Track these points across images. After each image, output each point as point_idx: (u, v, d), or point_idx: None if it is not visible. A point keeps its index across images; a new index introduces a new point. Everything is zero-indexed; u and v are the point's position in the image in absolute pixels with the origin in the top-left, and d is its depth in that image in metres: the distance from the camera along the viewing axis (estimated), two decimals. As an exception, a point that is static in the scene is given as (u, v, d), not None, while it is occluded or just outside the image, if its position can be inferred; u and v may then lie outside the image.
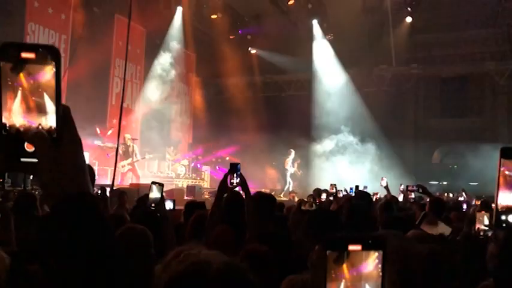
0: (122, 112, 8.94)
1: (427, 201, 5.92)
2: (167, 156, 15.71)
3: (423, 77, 19.62)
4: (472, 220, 3.16)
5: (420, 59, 19.35)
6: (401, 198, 7.71)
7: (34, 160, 0.78)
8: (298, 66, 19.23)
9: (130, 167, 13.19)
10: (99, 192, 4.50)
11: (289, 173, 15.90)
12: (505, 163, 1.13)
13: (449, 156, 20.13)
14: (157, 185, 3.35)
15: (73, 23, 13.76)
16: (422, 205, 6.16)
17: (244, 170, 3.17)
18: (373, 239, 0.77)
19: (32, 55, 0.77)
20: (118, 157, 12.72)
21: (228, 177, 3.07)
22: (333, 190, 7.27)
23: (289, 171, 15.91)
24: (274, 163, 18.49)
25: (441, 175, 19.04)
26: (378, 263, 0.77)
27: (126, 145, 13.15)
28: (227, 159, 18.78)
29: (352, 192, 7.67)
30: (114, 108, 14.89)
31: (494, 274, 1.99)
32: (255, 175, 15.51)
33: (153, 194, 3.29)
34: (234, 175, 3.08)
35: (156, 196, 3.29)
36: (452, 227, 3.93)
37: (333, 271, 0.76)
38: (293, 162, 16.23)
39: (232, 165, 3.13)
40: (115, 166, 8.11)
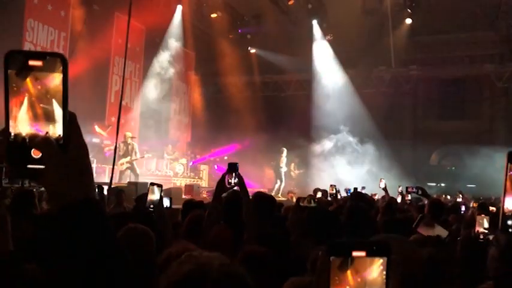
0: (121, 110, 8.92)
1: (425, 203, 5.93)
2: (165, 155, 15.69)
3: (422, 79, 19.65)
4: (471, 222, 3.16)
5: (419, 61, 19.37)
6: (399, 199, 7.71)
7: (41, 166, 0.78)
8: (297, 66, 19.24)
9: (129, 165, 13.16)
10: (96, 190, 4.49)
11: (283, 172, 15.90)
12: None
13: (447, 158, 20.17)
14: (156, 186, 3.33)
15: (72, 20, 13.73)
16: (420, 207, 6.17)
17: (242, 170, 3.16)
18: (377, 246, 0.77)
19: (40, 63, 0.78)
20: (117, 155, 12.79)
21: (226, 176, 3.06)
22: (333, 191, 7.27)
23: (283, 169, 15.90)
24: (272, 163, 18.46)
25: (439, 177, 19.07)
26: (383, 270, 0.76)
27: (126, 143, 13.11)
28: (225, 158, 18.78)
29: (349, 193, 7.67)
30: (113, 106, 14.88)
31: (494, 277, 1.99)
32: (253, 175, 15.51)
33: (152, 195, 3.28)
34: (233, 175, 3.07)
35: (155, 197, 3.28)
36: (450, 230, 3.92)
37: (337, 277, 0.75)
38: (286, 160, 16.20)
39: (230, 164, 3.12)
40: (113, 164, 8.08)
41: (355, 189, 7.99)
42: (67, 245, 0.78)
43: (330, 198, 7.15)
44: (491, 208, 5.64)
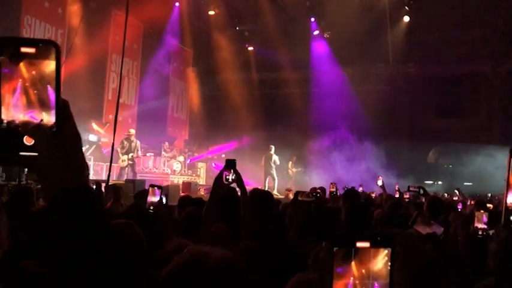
0: (118, 107, 8.90)
1: (424, 200, 5.94)
2: (163, 152, 15.67)
3: (420, 77, 19.66)
4: (469, 220, 3.17)
5: (417, 59, 19.38)
6: (396, 197, 7.73)
7: (33, 154, 0.78)
8: (295, 63, 19.22)
9: (131, 162, 13.17)
10: (94, 187, 4.48)
11: (274, 169, 15.91)
12: None
13: (444, 156, 20.21)
14: (156, 188, 3.31)
15: (70, 17, 13.68)
16: (418, 205, 6.18)
17: (240, 167, 3.15)
18: (382, 236, 0.77)
19: (32, 50, 0.77)
20: (120, 151, 12.78)
21: (224, 173, 3.06)
22: (334, 189, 7.27)
23: (273, 167, 15.91)
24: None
25: (436, 175, 19.11)
26: (387, 261, 0.76)
27: (129, 140, 13.10)
28: (223, 156, 18.76)
29: None
30: (110, 103, 14.84)
31: (495, 272, 2.00)
32: (251, 172, 15.51)
33: (152, 197, 3.26)
34: (230, 171, 3.06)
35: (155, 199, 3.26)
36: (446, 227, 3.94)
37: (341, 268, 0.75)
38: (276, 157, 16.19)
39: (228, 161, 3.12)
40: (110, 161, 8.04)
41: (352, 187, 7.99)
42: (61, 232, 0.78)
43: (330, 196, 7.15)
44: (488, 205, 5.67)
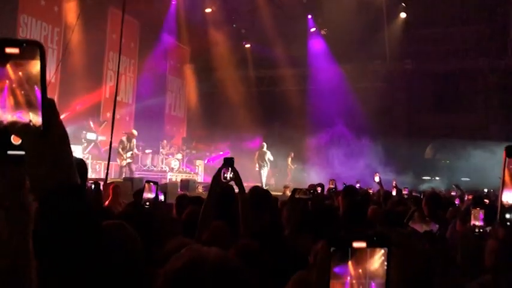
0: (116, 106, 8.90)
1: (422, 197, 5.96)
2: (161, 150, 15.67)
3: (417, 73, 19.67)
4: (467, 216, 3.17)
5: (414, 55, 19.39)
6: (394, 193, 7.76)
7: (21, 153, 0.78)
8: (292, 61, 19.21)
9: (131, 161, 13.23)
10: (92, 186, 4.47)
11: (267, 166, 15.95)
12: (511, 162, 1.13)
13: (441, 151, 20.25)
14: (152, 184, 3.33)
15: (66, 16, 13.63)
16: (417, 201, 6.20)
17: (238, 165, 3.16)
18: (378, 236, 0.78)
19: (16, 50, 0.78)
20: (121, 152, 12.80)
21: (222, 171, 3.06)
22: (333, 186, 7.29)
23: (268, 164, 15.95)
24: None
25: (434, 171, 19.16)
26: (383, 260, 0.77)
27: (129, 138, 13.14)
28: (221, 153, 18.77)
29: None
30: (107, 101, 14.82)
31: (492, 270, 2.01)
32: (249, 170, 15.52)
33: (148, 193, 3.28)
34: (228, 169, 3.07)
35: (151, 195, 3.28)
36: (443, 224, 3.96)
37: (338, 268, 0.76)
38: (268, 153, 16.23)
39: (226, 159, 3.12)
40: (108, 160, 8.07)
41: (350, 185, 8.00)
42: (51, 231, 0.78)
43: (329, 192, 7.16)
44: (485, 200, 5.68)
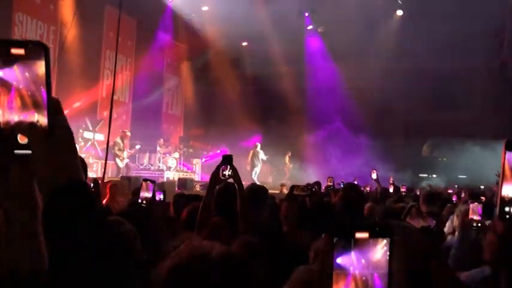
0: (113, 104, 8.90)
1: (420, 194, 5.99)
2: (158, 148, 15.66)
3: (413, 71, 19.70)
4: (466, 212, 3.19)
5: (410, 53, 19.41)
6: (391, 190, 7.78)
7: (28, 152, 0.80)
8: (289, 58, 19.21)
9: (127, 160, 13.27)
10: (91, 185, 4.47)
11: (259, 165, 16.00)
12: (510, 155, 1.13)
13: (438, 149, 20.31)
14: (148, 183, 3.33)
15: (62, 14, 13.59)
16: (415, 198, 6.23)
17: (235, 163, 3.17)
18: (380, 227, 0.78)
19: (22, 51, 0.79)
20: (117, 153, 12.81)
21: (221, 168, 3.07)
22: (331, 183, 7.31)
23: (260, 163, 16.00)
24: (266, 156, 18.51)
25: (431, 168, 19.23)
26: (386, 251, 0.77)
27: (123, 139, 13.17)
28: (218, 151, 18.77)
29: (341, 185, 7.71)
30: (104, 100, 14.79)
31: (490, 262, 2.02)
32: (246, 168, 15.54)
33: (145, 192, 3.28)
34: (227, 167, 3.08)
35: (147, 194, 3.27)
36: (439, 220, 3.98)
37: (341, 259, 0.76)
38: (261, 153, 16.29)
39: (224, 157, 3.14)
40: (106, 159, 8.08)
41: (350, 182, 8.04)
42: (57, 229, 0.80)
43: (327, 190, 7.18)
44: (482, 198, 5.72)
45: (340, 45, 17.84)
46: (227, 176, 3.09)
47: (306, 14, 18.72)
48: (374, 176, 7.38)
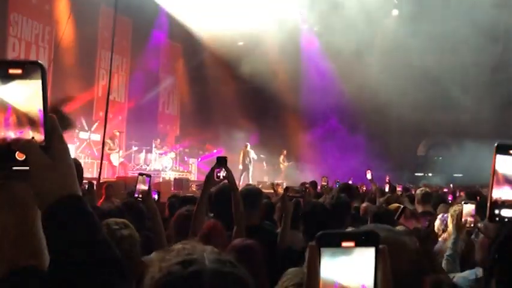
0: (108, 104, 8.89)
1: (415, 193, 6.00)
2: (154, 148, 15.64)
3: (409, 70, 19.72)
4: (460, 213, 3.20)
5: (406, 52, 19.43)
6: (387, 189, 7.80)
7: (26, 168, 0.83)
8: (285, 57, 19.20)
9: (122, 160, 13.26)
10: (86, 186, 4.47)
11: (251, 165, 16.01)
12: (500, 158, 1.13)
13: (434, 148, 20.37)
14: (144, 176, 3.36)
15: (57, 14, 13.55)
16: (411, 197, 6.24)
17: (231, 163, 3.18)
18: (366, 236, 0.78)
19: (19, 71, 0.82)
20: (108, 152, 12.79)
21: (215, 170, 3.08)
22: (325, 183, 7.31)
23: (251, 163, 16.02)
24: (262, 156, 18.51)
25: (426, 167, 19.28)
26: (372, 260, 0.77)
27: (113, 140, 13.14)
28: (215, 151, 18.76)
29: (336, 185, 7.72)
30: (100, 100, 14.76)
31: (483, 265, 2.04)
32: (239, 167, 15.54)
33: (141, 185, 3.31)
34: (221, 168, 3.08)
35: (143, 187, 3.30)
36: (432, 220, 4.00)
37: (327, 268, 0.76)
38: (251, 153, 16.31)
39: (219, 158, 3.14)
40: (101, 159, 8.07)
41: (345, 183, 8.04)
42: (55, 243, 0.81)
43: (322, 189, 7.19)
44: (478, 198, 5.72)
45: (335, 44, 17.85)
46: (221, 178, 3.09)
47: (302, 13, 18.73)
48: (369, 176, 7.40)
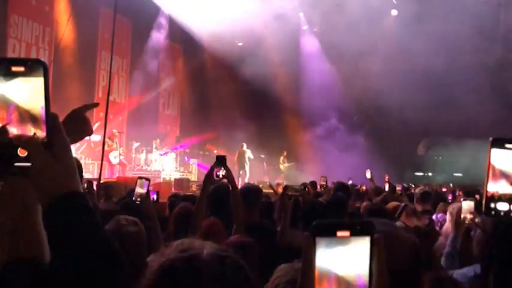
0: (108, 105, 8.89)
1: (415, 192, 6.01)
2: (154, 149, 15.65)
3: (408, 69, 19.73)
4: (459, 211, 3.22)
5: (405, 51, 19.43)
6: (386, 188, 7.81)
7: (28, 164, 0.84)
8: (284, 58, 19.21)
9: (122, 157, 13.30)
10: (85, 186, 4.48)
11: (248, 165, 16.04)
12: (495, 152, 1.14)
13: (434, 147, 20.36)
14: (143, 180, 3.35)
15: (57, 16, 13.56)
16: (410, 196, 6.26)
17: (231, 163, 3.19)
18: (361, 225, 0.78)
19: (22, 68, 0.84)
20: (108, 149, 12.79)
21: (215, 169, 3.09)
22: (324, 182, 7.32)
23: (248, 162, 16.04)
24: (262, 156, 18.52)
25: (426, 167, 19.27)
26: (367, 249, 0.77)
27: (112, 139, 13.16)
28: (215, 151, 18.76)
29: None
30: (100, 101, 14.77)
31: (480, 260, 2.05)
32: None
33: (139, 189, 3.30)
34: (221, 167, 3.10)
35: (142, 191, 3.30)
36: (432, 218, 4.02)
37: (323, 258, 0.76)
38: (248, 153, 16.34)
39: (218, 157, 3.16)
40: (102, 159, 8.05)
41: (340, 182, 8.05)
42: (56, 238, 0.83)
43: (321, 189, 7.20)
44: (476, 196, 5.74)
45: (335, 44, 17.86)
46: (221, 177, 3.11)
47: (301, 14, 18.75)
48: (368, 176, 7.42)
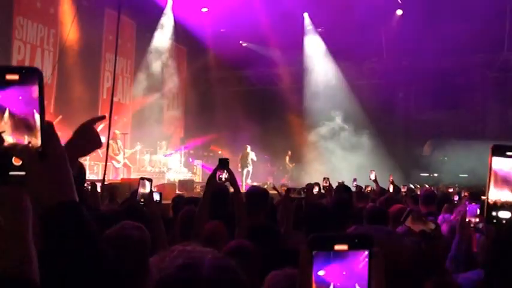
0: (113, 106, 8.93)
1: (419, 193, 5.99)
2: (158, 150, 15.68)
3: (414, 70, 19.67)
4: (464, 214, 3.19)
5: (411, 52, 19.38)
6: (391, 189, 7.77)
7: (22, 173, 0.83)
8: (289, 58, 19.20)
9: (126, 161, 13.32)
10: (89, 187, 4.49)
11: (251, 166, 16.00)
12: (496, 160, 1.13)
13: (439, 148, 20.26)
14: (146, 181, 3.35)
15: (62, 17, 13.62)
16: (414, 198, 6.21)
17: (235, 164, 3.18)
18: (359, 238, 0.77)
19: (16, 77, 0.82)
20: (112, 155, 12.82)
21: (217, 172, 3.08)
22: (326, 184, 7.30)
23: (250, 164, 16.02)
24: (266, 157, 18.51)
25: (432, 167, 19.18)
26: (366, 262, 0.76)
27: (115, 140, 13.18)
28: (220, 152, 18.79)
29: None
30: (105, 102, 14.80)
31: (484, 266, 2.03)
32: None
33: (142, 190, 3.30)
34: (223, 170, 3.09)
35: (145, 191, 3.29)
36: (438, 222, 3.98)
37: (321, 271, 0.75)
38: (252, 155, 16.31)
39: (221, 160, 3.15)
40: (106, 161, 8.10)
41: (341, 184, 8.02)
42: (49, 247, 0.82)
43: (323, 191, 7.17)
44: (482, 197, 5.69)
45: (339, 44, 17.83)
46: (224, 180, 3.10)
47: (306, 14, 18.73)
48: (372, 177, 7.39)
